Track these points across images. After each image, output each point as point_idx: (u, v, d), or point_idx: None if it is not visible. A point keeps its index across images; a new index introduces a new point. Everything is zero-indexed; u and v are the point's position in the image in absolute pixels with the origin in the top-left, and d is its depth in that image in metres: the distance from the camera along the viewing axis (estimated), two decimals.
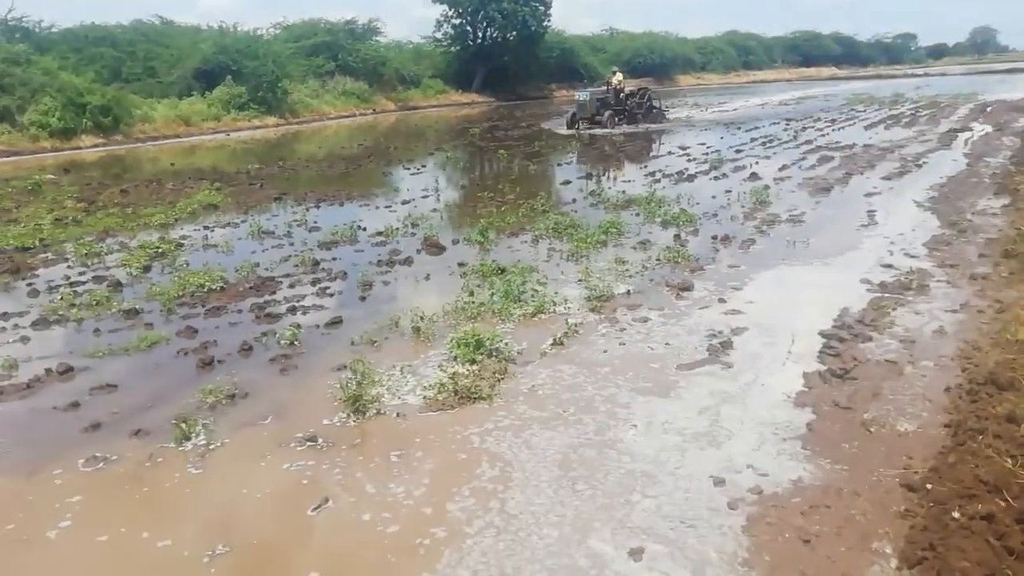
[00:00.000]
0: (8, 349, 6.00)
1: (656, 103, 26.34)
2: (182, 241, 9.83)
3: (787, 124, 23.87)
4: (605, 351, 5.54)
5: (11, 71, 24.17)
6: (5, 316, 6.85)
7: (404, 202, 12.41)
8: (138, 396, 5.09)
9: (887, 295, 6.48)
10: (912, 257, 7.69)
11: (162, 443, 4.41)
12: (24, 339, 6.28)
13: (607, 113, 23.66)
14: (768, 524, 3.43)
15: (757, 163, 15.06)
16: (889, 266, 7.37)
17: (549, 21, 50.61)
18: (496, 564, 3.25)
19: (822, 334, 5.62)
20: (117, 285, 7.74)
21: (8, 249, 9.51)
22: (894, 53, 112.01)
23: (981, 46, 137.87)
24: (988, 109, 25.95)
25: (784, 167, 14.38)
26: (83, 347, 6.01)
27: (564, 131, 23.89)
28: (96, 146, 24.50)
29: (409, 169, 17.03)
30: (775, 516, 3.49)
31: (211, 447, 4.35)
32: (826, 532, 3.36)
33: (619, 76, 25.44)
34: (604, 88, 25.14)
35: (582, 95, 24.40)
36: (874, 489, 3.67)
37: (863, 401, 4.58)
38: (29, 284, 7.98)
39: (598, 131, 23.00)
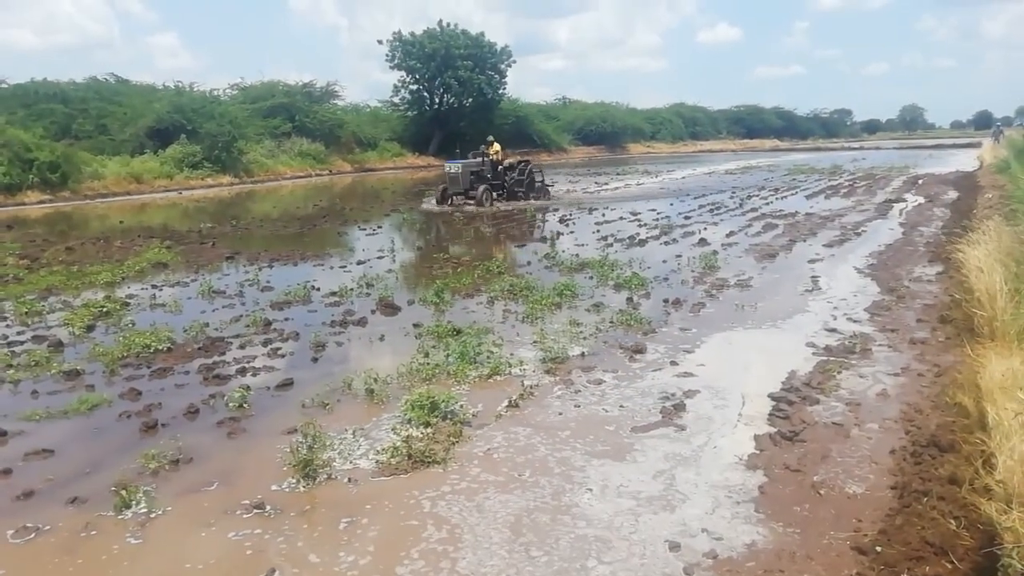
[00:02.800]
0: None
1: (539, 177, 23.09)
2: (128, 300, 9.59)
3: (733, 192, 24.73)
4: (560, 413, 5.54)
5: None
6: None
7: (359, 262, 12.39)
8: (76, 462, 4.88)
9: (832, 358, 6.66)
10: (855, 321, 7.95)
11: (100, 511, 4.20)
12: None
13: (481, 188, 20.57)
14: None
15: (705, 229, 15.52)
16: (833, 330, 7.60)
17: (504, 89, 52.32)
18: None
19: (771, 396, 5.73)
20: (58, 345, 7.48)
21: None
22: (831, 127, 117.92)
23: (910, 123, 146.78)
24: (920, 181, 27.37)
25: (731, 233, 14.85)
26: (19, 410, 5.76)
27: (435, 207, 21.12)
28: (42, 202, 24.00)
29: (364, 230, 17.06)
30: None
31: (152, 515, 4.17)
32: None
33: (497, 147, 22.07)
34: (479, 160, 21.60)
35: (452, 167, 21.05)
36: (826, 552, 3.71)
37: (813, 463, 4.65)
38: None
39: (471, 208, 20.32)
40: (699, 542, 3.80)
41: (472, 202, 20.59)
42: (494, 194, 21.32)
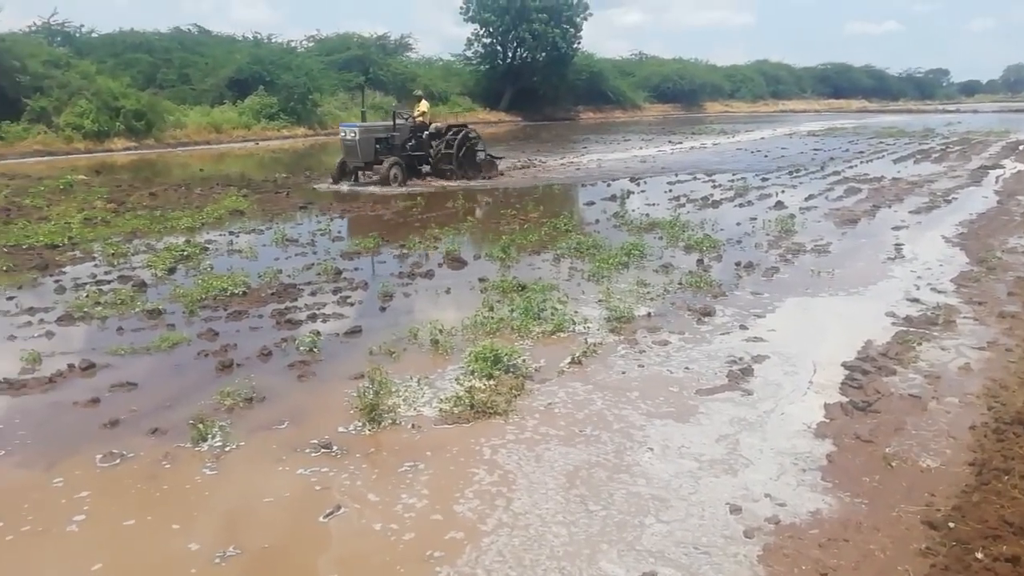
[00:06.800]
0: (33, 343, 6.07)
1: (481, 148, 17.46)
2: (207, 245, 9.94)
3: (814, 154, 23.74)
4: (624, 372, 5.49)
5: (51, 73, 24.82)
6: (31, 311, 6.95)
7: (427, 216, 12.47)
8: (157, 395, 5.13)
9: (913, 329, 6.37)
10: (939, 292, 7.57)
11: (178, 443, 4.42)
12: (49, 334, 6.36)
13: (388, 161, 15.31)
14: (785, 555, 3.36)
15: (783, 192, 14.97)
16: (915, 300, 7.26)
17: (579, 43, 51.11)
18: (513, 560, 3.21)
19: (845, 365, 5.53)
20: (142, 285, 7.83)
21: (38, 246, 9.69)
22: (925, 88, 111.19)
23: (1014, 84, 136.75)
24: (1021, 147, 25.64)
25: (810, 197, 14.29)
26: (106, 344, 6.08)
27: (327, 187, 16.07)
28: (128, 149, 24.97)
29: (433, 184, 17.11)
30: (792, 547, 3.42)
31: (227, 449, 4.36)
32: (844, 566, 3.28)
33: (424, 105, 17.06)
34: (386, 123, 16.36)
35: (349, 132, 15.59)
36: (894, 525, 3.59)
37: (885, 435, 4.49)
38: (56, 281, 8.10)
39: (375, 188, 15.22)
40: (761, 507, 3.73)
41: (381, 180, 15.35)
42: (424, 168, 16.51)
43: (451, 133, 16.78)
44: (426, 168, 16.50)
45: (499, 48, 49.75)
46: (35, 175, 17.60)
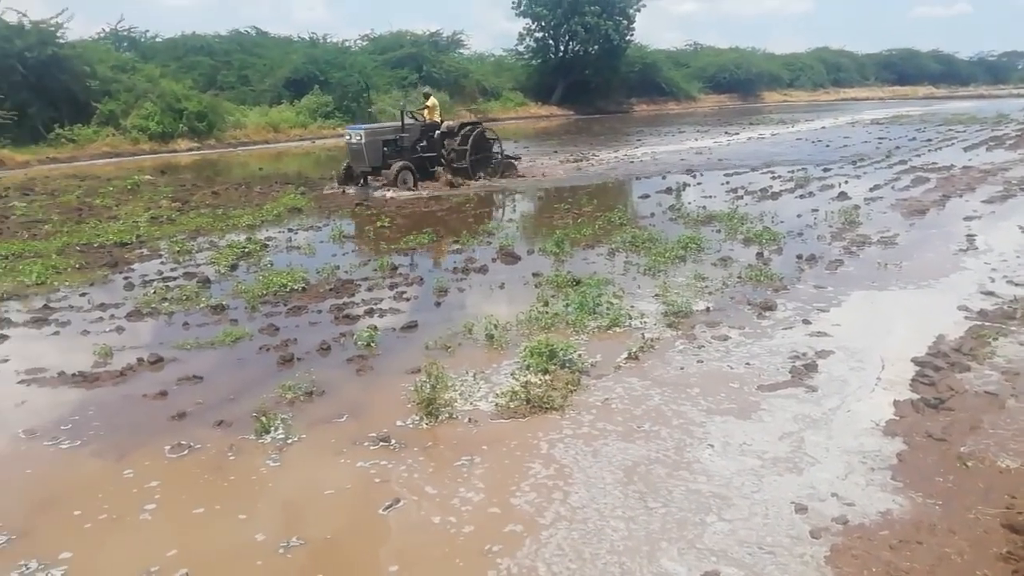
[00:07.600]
0: (104, 338, 6.31)
1: (497, 147, 16.37)
2: (267, 242, 10.17)
3: (879, 143, 22.95)
4: (682, 368, 5.40)
5: (118, 78, 25.71)
6: (103, 307, 7.22)
7: (479, 211, 12.50)
8: (222, 388, 5.27)
9: (988, 323, 6.10)
10: (1016, 285, 7.22)
11: (243, 435, 4.53)
12: (119, 329, 6.60)
13: (396, 166, 14.21)
14: (853, 556, 3.25)
15: (846, 182, 14.50)
16: (990, 293, 6.95)
17: (632, 35, 50.24)
18: (573, 554, 3.19)
19: (915, 361, 5.32)
20: (206, 282, 8.05)
21: (108, 244, 10.06)
22: (999, 72, 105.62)
23: None
24: None
25: (876, 187, 13.81)
26: (172, 339, 6.27)
27: (334, 189, 14.95)
28: (191, 149, 25.69)
29: (482, 178, 17.11)
30: (861, 548, 3.30)
31: (289, 441, 4.45)
32: (917, 569, 3.16)
33: (432, 102, 15.91)
34: (394, 124, 15.31)
35: (354, 135, 14.43)
36: (971, 528, 3.43)
37: (959, 434, 4.30)
38: (126, 278, 8.40)
39: (387, 193, 14.04)
40: (828, 507, 3.62)
41: (391, 184, 14.19)
42: (437, 170, 15.23)
43: (464, 132, 15.61)
44: (439, 170, 15.32)
45: (551, 42, 49.34)
46: (104, 176, 18.30)
